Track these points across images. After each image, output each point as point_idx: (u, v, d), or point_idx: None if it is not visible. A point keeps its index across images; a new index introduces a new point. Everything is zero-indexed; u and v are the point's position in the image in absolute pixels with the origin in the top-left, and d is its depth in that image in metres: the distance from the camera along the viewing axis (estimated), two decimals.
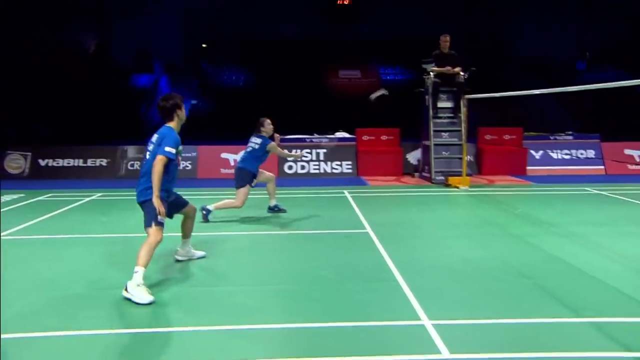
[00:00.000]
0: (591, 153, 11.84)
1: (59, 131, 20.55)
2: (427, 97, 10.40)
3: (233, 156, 11.54)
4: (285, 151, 7.04)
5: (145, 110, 25.34)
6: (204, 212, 6.50)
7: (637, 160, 11.72)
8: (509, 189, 9.57)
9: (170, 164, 4.20)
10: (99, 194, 8.79)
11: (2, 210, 7.24)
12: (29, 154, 11.19)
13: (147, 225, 4.16)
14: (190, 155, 11.44)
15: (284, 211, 7.01)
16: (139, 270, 3.96)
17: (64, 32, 25.34)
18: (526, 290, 4.04)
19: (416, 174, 11.09)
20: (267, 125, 6.84)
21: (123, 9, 28.38)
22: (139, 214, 5.28)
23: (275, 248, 5.39)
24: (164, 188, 4.19)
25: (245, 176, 6.51)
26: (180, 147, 4.28)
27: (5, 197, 8.29)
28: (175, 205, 4.55)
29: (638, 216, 6.91)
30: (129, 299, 3.83)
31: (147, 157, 4.26)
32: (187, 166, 11.39)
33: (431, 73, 10.11)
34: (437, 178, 9.95)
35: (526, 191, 9.39)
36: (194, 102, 27.13)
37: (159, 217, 4.11)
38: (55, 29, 24.50)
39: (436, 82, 10.06)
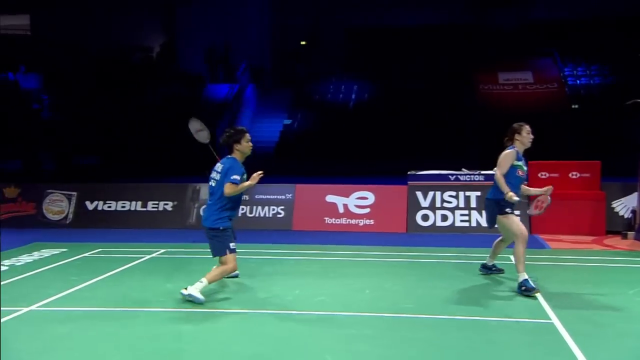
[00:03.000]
0: None
1: (109, 160, 22.83)
2: None
3: (343, 200, 11.86)
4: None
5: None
6: (525, 289, 6.72)
7: None
8: None
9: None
10: (163, 250, 9.51)
11: (39, 270, 8.15)
12: (74, 193, 12.58)
13: (220, 253, 6.49)
14: (283, 197, 12.00)
15: (501, 272, 7.71)
16: (204, 281, 6.33)
17: (118, 30, 28.24)
18: None
19: (631, 234, 10.54)
20: (526, 134, 7.06)
21: None
22: None
23: (404, 339, 5.36)
24: (227, 215, 6.48)
25: (491, 208, 7.21)
26: (244, 177, 6.50)
27: (44, 253, 9.37)
28: None
29: None
30: (189, 300, 6.26)
31: (213, 185, 6.54)
32: (279, 213, 11.89)
33: None
34: None
35: None
36: (287, 122, 28.45)
37: (231, 244, 6.45)
38: (107, 25, 27.45)
39: None
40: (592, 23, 29.19)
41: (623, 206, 11.09)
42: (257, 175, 6.47)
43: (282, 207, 11.92)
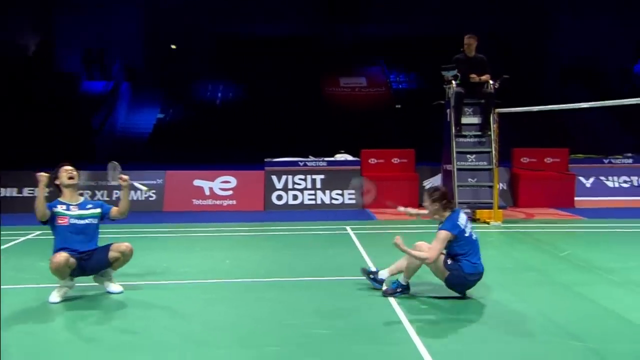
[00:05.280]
0: None
1: None
2: (448, 111, 10.56)
3: (209, 184, 11.63)
4: None
5: (101, 123, 25.46)
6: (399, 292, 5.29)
7: None
8: (552, 225, 9.61)
9: (56, 227, 5.40)
10: (38, 232, 8.75)
11: None
12: None
13: None
14: (154, 182, 11.51)
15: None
16: (55, 295, 5.28)
17: None
18: (576, 356, 4.03)
19: None
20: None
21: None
22: None
23: (256, 299, 5.39)
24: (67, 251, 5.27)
25: None
26: (59, 209, 5.41)
27: None
28: (94, 267, 5.47)
29: None
30: None
31: None
32: (151, 196, 11.41)
33: (453, 82, 10.29)
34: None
35: (574, 228, 9.42)
36: (160, 115, 27.38)
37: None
38: None
39: (459, 92, 10.22)
40: (411, 40, 31.00)
41: (431, 185, 11.91)
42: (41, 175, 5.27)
43: (154, 191, 11.45)
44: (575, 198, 11.55)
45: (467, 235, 5.20)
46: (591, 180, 11.88)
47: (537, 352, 4.09)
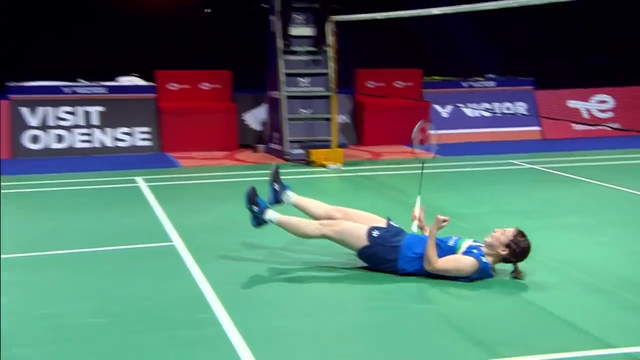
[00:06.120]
0: (522, 107, 13.48)
1: None
2: (272, 18, 10.68)
3: None
4: None
5: None
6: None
7: (586, 116, 13.50)
8: (401, 166, 10.40)
9: None
10: None
11: None
12: None
13: None
14: None
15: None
16: None
17: None
18: (428, 324, 4.51)
19: (260, 147, 11.55)
20: None
21: None
22: None
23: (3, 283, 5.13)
24: None
25: None
26: None
27: None
28: None
29: (584, 201, 8.08)
30: None
31: None
32: None
33: None
34: (293, 152, 10.46)
35: (426, 168, 10.29)
36: None
37: None
38: None
39: None
40: None
41: (254, 118, 12.09)
42: None
43: None
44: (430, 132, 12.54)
45: (470, 278, 5.16)
46: (448, 108, 13.01)
47: (377, 322, 4.54)
